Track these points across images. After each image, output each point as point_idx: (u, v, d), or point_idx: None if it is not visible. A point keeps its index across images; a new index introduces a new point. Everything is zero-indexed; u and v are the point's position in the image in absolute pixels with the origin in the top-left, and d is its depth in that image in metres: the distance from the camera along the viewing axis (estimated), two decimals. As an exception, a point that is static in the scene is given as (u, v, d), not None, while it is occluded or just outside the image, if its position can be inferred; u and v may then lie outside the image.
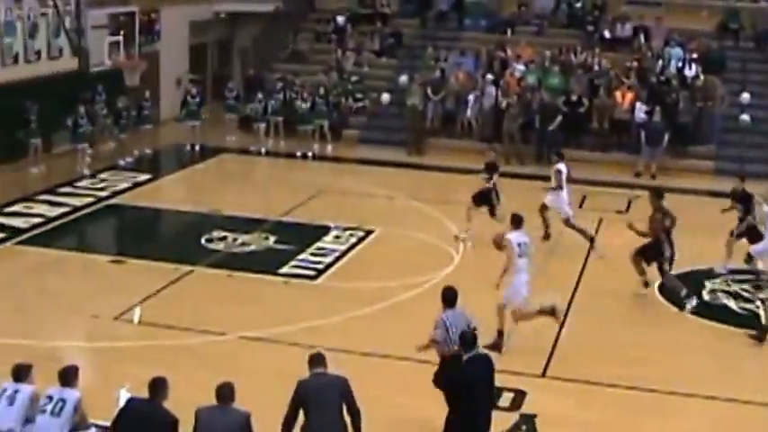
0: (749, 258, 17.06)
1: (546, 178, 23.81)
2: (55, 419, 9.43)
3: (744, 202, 17.37)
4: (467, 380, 9.96)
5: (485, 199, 18.73)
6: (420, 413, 11.43)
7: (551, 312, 13.66)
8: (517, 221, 13.91)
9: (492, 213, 18.62)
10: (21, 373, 9.78)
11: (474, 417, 9.86)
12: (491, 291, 16.37)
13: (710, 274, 17.07)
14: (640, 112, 25.20)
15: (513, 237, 13.64)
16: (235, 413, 8.97)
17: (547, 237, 18.65)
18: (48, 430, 9.30)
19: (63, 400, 9.50)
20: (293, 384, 10.11)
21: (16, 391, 9.62)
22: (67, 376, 9.66)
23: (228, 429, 8.87)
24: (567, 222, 18.52)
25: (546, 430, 11.59)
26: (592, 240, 18.30)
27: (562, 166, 18.70)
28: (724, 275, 17.07)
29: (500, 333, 13.56)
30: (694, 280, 16.58)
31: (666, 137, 24.74)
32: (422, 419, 11.26)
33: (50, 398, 9.54)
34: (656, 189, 16.96)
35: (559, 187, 18.54)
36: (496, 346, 13.30)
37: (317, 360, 9.58)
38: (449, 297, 11.32)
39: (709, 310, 15.57)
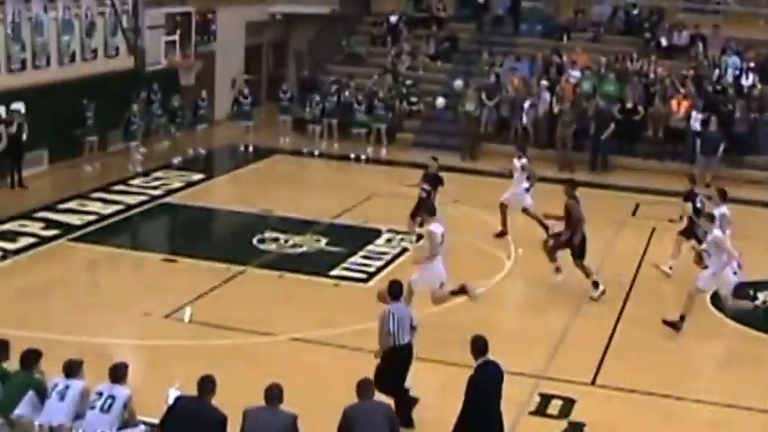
0: None
1: (600, 186, 23.81)
2: (104, 416, 9.50)
3: None
4: (480, 385, 10.02)
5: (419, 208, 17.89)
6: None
7: (462, 291, 14.00)
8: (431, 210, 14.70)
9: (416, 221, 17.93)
10: (72, 368, 9.88)
11: (486, 422, 9.93)
12: (543, 296, 16.34)
13: (764, 286, 16.77)
14: (696, 121, 24.86)
15: (436, 227, 13.97)
16: (282, 415, 8.99)
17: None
18: (97, 426, 9.37)
19: (113, 397, 9.57)
20: (341, 386, 10.08)
21: (67, 387, 9.73)
22: (117, 373, 9.73)
23: (276, 430, 8.87)
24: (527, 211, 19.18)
25: (595, 440, 11.48)
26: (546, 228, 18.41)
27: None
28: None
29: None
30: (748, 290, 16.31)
31: (722, 146, 24.41)
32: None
33: (100, 394, 9.62)
34: (571, 180, 17.53)
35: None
36: None
37: (365, 388, 9.44)
38: (395, 291, 11.55)
39: (764, 322, 15.29)
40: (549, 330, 14.63)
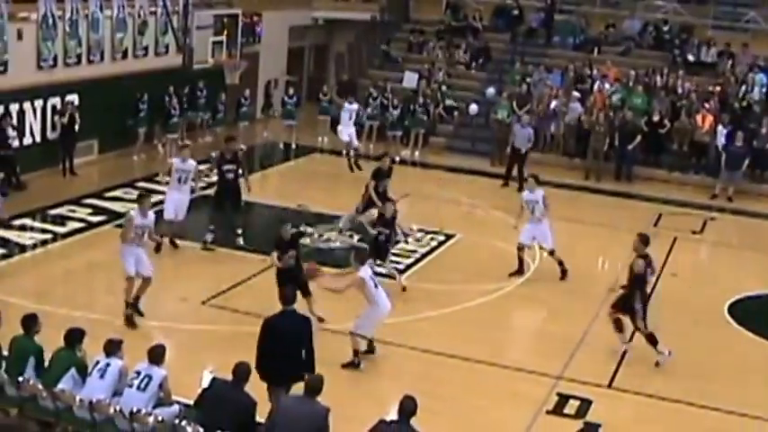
0: None
1: (624, 195, 23.73)
2: (141, 394, 9.62)
3: None
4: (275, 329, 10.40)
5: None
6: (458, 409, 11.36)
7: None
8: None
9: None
10: (112, 347, 10.05)
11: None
12: (564, 300, 16.30)
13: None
14: (722, 135, 24.65)
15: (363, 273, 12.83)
16: (315, 407, 8.97)
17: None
18: (133, 403, 9.47)
19: (149, 377, 9.69)
20: (368, 375, 10.11)
21: (107, 365, 9.89)
22: (155, 355, 9.85)
23: (308, 421, 8.87)
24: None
25: (609, 440, 11.46)
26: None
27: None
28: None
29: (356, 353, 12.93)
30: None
31: (746, 162, 24.21)
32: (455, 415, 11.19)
33: (138, 373, 9.74)
34: (642, 235, 14.10)
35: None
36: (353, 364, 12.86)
37: (406, 408, 8.71)
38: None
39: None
40: (569, 333, 14.59)
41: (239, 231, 17.47)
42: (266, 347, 10.28)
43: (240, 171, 17.50)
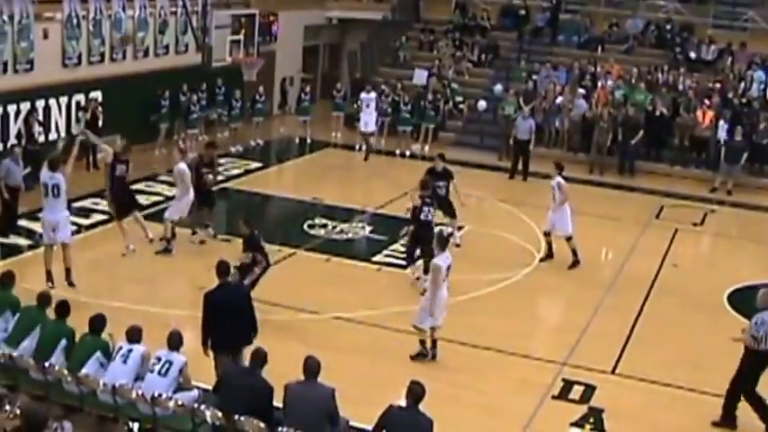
0: None
1: (627, 188, 23.65)
2: (162, 379, 9.63)
3: None
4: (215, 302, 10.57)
5: None
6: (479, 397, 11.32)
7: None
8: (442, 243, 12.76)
9: None
10: (134, 334, 10.07)
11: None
12: (569, 288, 16.26)
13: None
14: (722, 130, 24.50)
15: (440, 260, 12.50)
16: (322, 388, 8.97)
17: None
18: (155, 388, 9.49)
19: (170, 362, 9.70)
20: (380, 362, 10.06)
21: (130, 351, 9.92)
22: (174, 341, 9.86)
23: (317, 403, 8.87)
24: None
25: (612, 424, 11.40)
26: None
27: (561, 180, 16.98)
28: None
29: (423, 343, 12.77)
30: None
31: (745, 156, 24.07)
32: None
33: (159, 359, 9.75)
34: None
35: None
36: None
37: (415, 393, 8.60)
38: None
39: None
40: (573, 320, 14.56)
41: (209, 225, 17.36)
42: (208, 319, 10.45)
43: (213, 176, 17.50)
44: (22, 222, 17.12)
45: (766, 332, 11.20)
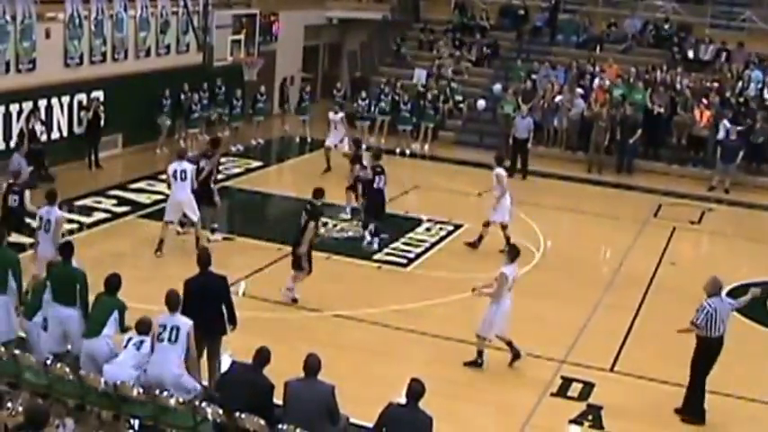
0: None
1: (625, 187, 23.62)
2: (173, 346, 9.85)
3: None
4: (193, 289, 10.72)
5: None
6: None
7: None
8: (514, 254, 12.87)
9: None
10: (143, 326, 10.25)
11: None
12: (568, 287, 16.24)
13: None
14: (722, 130, 24.44)
15: (508, 270, 12.54)
16: (322, 385, 8.95)
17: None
18: (169, 356, 9.76)
19: (177, 327, 9.90)
20: (379, 359, 10.06)
21: (142, 341, 10.13)
22: (173, 301, 10.11)
23: (317, 401, 8.85)
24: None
25: (610, 421, 11.40)
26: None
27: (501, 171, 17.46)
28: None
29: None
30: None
31: (741, 154, 24.04)
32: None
33: (164, 326, 9.92)
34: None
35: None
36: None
37: (414, 391, 8.58)
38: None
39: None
40: (572, 319, 14.55)
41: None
42: (188, 306, 10.42)
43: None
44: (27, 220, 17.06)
45: (708, 319, 11.15)
